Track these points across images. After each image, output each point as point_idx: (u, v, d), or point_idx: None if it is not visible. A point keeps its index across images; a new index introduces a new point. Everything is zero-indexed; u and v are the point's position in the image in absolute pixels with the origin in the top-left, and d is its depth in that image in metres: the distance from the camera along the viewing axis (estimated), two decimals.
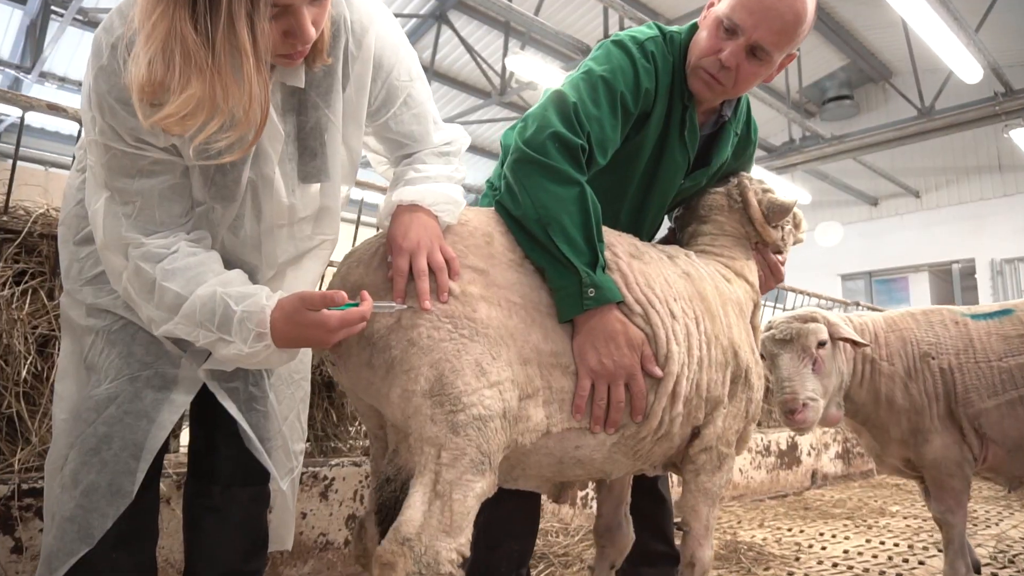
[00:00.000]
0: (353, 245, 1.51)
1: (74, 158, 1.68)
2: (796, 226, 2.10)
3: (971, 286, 12.27)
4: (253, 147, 1.15)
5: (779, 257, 1.99)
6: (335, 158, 1.33)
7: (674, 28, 1.75)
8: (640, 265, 1.55)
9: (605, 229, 1.56)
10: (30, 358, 1.94)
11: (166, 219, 1.23)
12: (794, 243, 2.09)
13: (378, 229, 1.52)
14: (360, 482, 2.48)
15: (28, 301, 1.99)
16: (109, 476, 1.29)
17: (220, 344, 1.18)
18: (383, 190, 2.89)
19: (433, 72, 9.97)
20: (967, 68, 7.55)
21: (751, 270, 1.92)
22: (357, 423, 2.74)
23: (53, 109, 2.03)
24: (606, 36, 7.66)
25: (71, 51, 8.74)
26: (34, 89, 8.66)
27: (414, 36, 9.81)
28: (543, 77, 7.38)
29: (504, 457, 1.32)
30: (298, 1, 1.04)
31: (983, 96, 8.99)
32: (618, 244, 1.56)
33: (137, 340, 1.35)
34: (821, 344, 2.19)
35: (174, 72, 0.97)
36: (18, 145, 2.12)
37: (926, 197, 12.82)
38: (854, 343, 2.21)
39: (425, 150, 1.47)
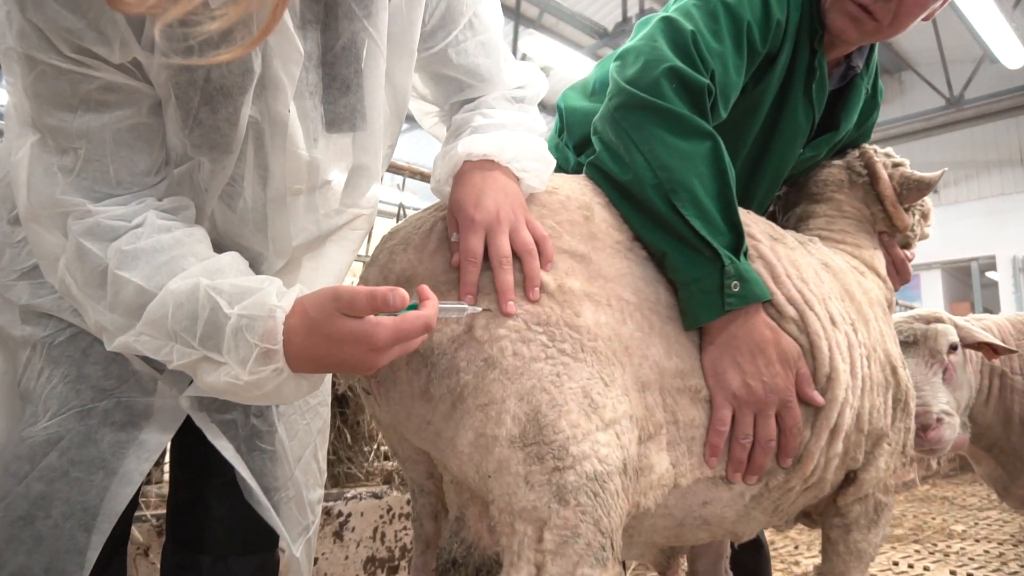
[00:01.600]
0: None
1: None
2: (924, 216, 1.69)
3: (990, 283, 11.90)
4: (259, 48, 0.74)
5: (906, 252, 1.58)
6: (375, 95, 0.93)
7: None
8: (785, 251, 1.14)
9: None
10: None
11: (125, 176, 0.82)
12: (919, 239, 1.68)
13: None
14: (380, 517, 2.07)
15: None
16: (47, 557, 0.88)
17: (205, 366, 0.77)
18: (425, 176, 2.40)
19: None
20: (1009, 52, 7.13)
21: (880, 262, 1.51)
22: (377, 444, 2.33)
23: None
24: (624, 18, 7.28)
25: None
26: None
27: None
28: (559, 61, 6.92)
29: None
30: None
31: (1015, 85, 8.59)
32: (752, 223, 1.15)
33: (91, 357, 0.94)
34: (952, 348, 1.78)
35: None
36: None
37: (944, 192, 12.43)
38: (994, 349, 1.80)
39: (494, 93, 1.06)
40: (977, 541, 3.40)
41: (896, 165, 1.56)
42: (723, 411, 0.98)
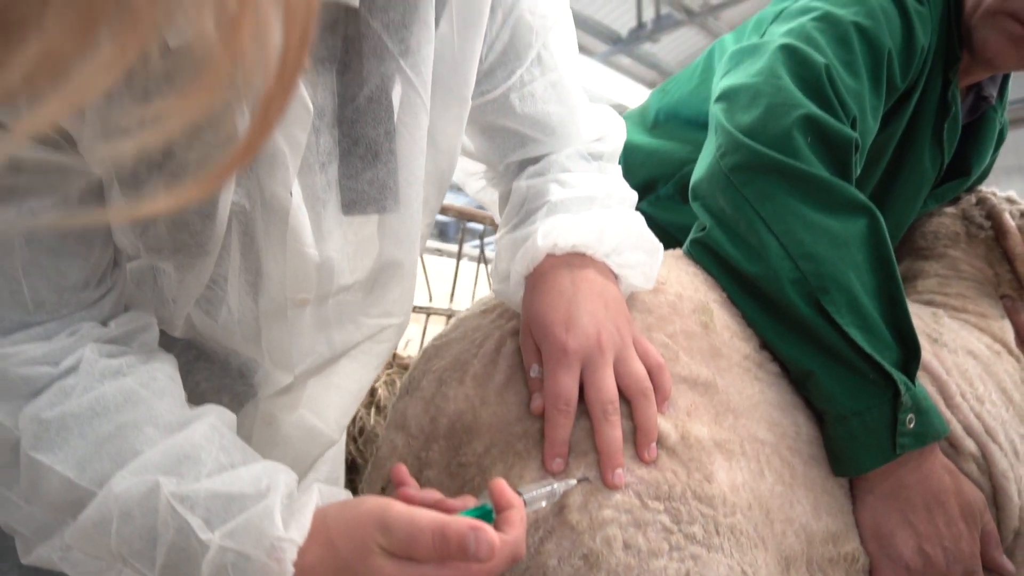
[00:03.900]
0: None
1: None
2: None
3: None
4: (245, 102, 0.46)
5: None
6: (413, 164, 0.65)
7: None
8: (952, 358, 0.87)
9: None
10: None
11: (48, 295, 0.54)
12: None
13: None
14: None
15: None
16: None
17: None
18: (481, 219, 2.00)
19: None
20: None
21: (1011, 334, 1.24)
22: None
23: None
24: (639, 25, 6.99)
25: None
26: None
27: None
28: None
29: None
30: None
31: None
32: None
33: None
34: None
35: None
36: None
37: None
38: None
39: (567, 150, 0.79)
40: None
41: None
42: None
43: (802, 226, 0.74)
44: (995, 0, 0.97)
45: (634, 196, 0.79)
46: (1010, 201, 1.34)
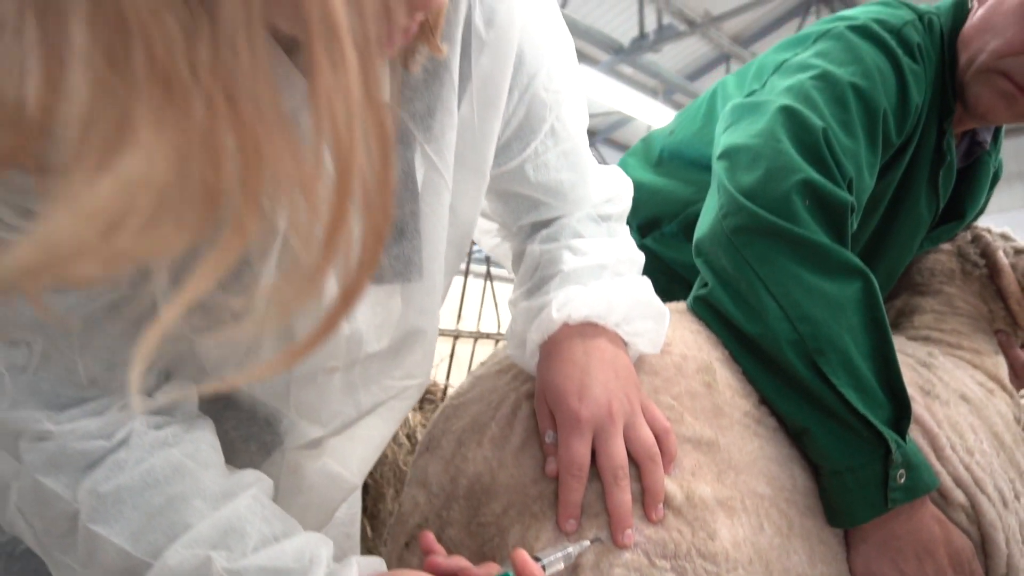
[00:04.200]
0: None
1: None
2: None
3: None
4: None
5: None
6: (437, 239, 0.69)
7: (923, 6, 1.12)
8: (943, 411, 0.91)
9: None
10: None
11: (100, 372, 0.59)
12: None
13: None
14: None
15: None
16: None
17: None
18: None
19: None
20: None
21: (1004, 370, 1.28)
22: None
23: None
24: (641, 34, 7.04)
25: None
26: None
27: None
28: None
29: None
30: None
31: None
32: None
33: None
34: None
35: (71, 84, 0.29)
36: None
37: None
38: None
39: (577, 213, 0.83)
40: None
41: (1019, 252, 1.33)
42: None
43: (800, 289, 0.78)
44: (987, 58, 1.01)
45: (641, 258, 0.83)
46: (1005, 238, 1.38)
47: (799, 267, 0.80)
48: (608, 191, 0.86)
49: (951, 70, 1.07)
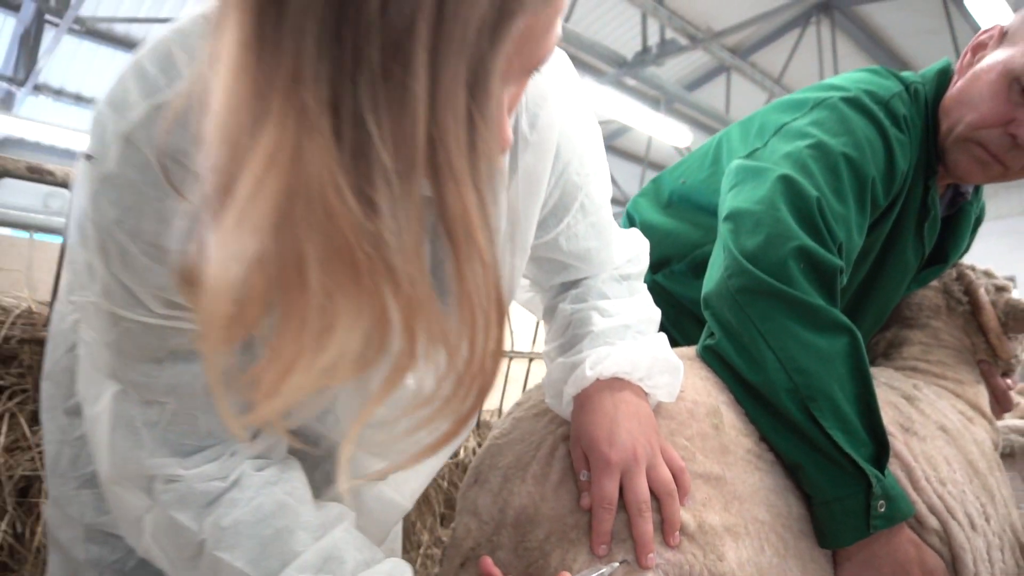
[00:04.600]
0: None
1: (58, 275, 1.16)
2: None
3: None
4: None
5: (1007, 381, 1.48)
6: None
7: (910, 75, 1.25)
8: (920, 446, 1.04)
9: None
10: (7, 514, 1.43)
11: (216, 426, 0.72)
12: (1022, 365, 1.56)
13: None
14: None
15: (3, 430, 1.48)
16: None
17: None
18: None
19: None
20: None
21: (985, 399, 1.41)
22: (423, 548, 2.22)
23: (36, 173, 1.51)
24: (644, 48, 7.18)
25: (67, 62, 8.21)
26: (28, 102, 8.14)
27: None
28: None
29: None
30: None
31: None
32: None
33: None
34: None
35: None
36: None
37: None
38: None
39: (602, 275, 0.96)
40: None
41: (1000, 289, 1.46)
42: None
43: (795, 344, 0.91)
44: (964, 129, 1.14)
45: (658, 315, 0.96)
46: (987, 275, 1.51)
47: (795, 324, 0.92)
48: (629, 252, 0.99)
49: (934, 136, 1.19)
